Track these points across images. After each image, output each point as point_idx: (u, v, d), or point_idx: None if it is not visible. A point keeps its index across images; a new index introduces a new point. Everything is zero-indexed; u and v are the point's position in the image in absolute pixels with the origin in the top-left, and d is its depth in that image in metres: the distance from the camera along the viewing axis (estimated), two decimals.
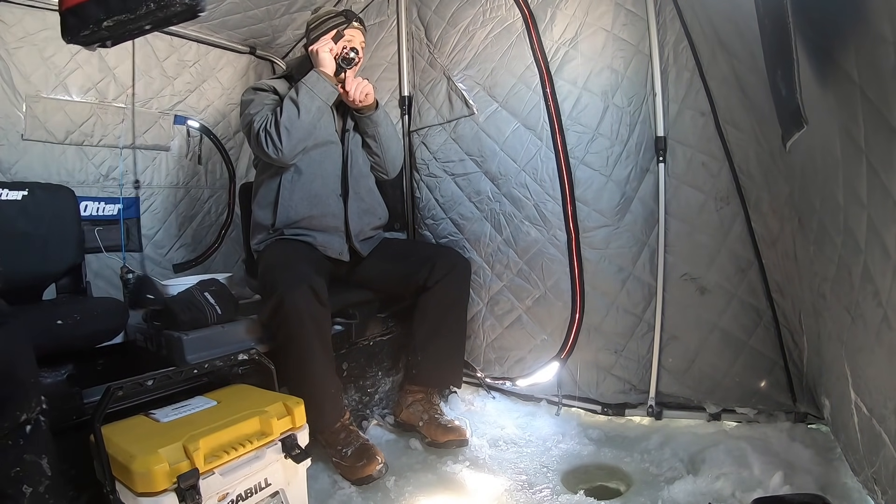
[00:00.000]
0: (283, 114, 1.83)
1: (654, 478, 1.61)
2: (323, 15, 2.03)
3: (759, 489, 1.42)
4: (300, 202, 1.93)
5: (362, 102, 1.98)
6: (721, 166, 1.77)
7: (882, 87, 0.68)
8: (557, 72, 2.01)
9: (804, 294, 1.45)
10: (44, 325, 1.44)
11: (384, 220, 2.17)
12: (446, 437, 1.86)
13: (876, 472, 1.01)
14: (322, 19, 2.01)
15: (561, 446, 1.85)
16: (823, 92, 0.86)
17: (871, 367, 0.96)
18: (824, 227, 1.09)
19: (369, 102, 2.01)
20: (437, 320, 2.00)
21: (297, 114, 1.83)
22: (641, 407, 1.96)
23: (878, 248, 0.81)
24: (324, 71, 1.91)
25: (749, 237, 1.75)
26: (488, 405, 2.19)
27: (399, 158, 2.19)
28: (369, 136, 2.08)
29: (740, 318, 1.79)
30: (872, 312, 0.88)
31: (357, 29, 2.01)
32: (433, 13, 2.33)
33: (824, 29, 0.78)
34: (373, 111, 2.04)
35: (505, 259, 2.20)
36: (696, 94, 1.78)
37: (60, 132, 2.23)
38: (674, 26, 1.80)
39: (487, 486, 1.62)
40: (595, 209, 1.98)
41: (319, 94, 1.87)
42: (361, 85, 1.96)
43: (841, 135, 0.85)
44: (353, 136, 2.07)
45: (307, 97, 1.85)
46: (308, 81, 1.87)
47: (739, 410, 1.82)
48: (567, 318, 2.07)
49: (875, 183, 0.77)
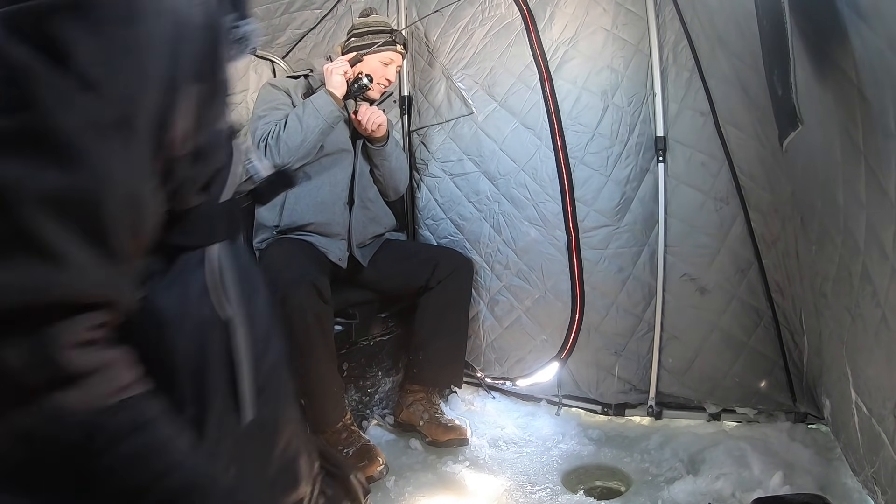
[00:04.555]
0: (286, 130, 1.81)
1: (654, 478, 1.61)
2: (371, 25, 1.98)
3: (759, 489, 1.42)
4: (306, 208, 1.92)
5: (374, 133, 1.94)
6: (721, 166, 1.76)
7: (879, 88, 0.68)
8: (557, 71, 2.01)
9: (805, 293, 1.45)
10: None
11: (389, 227, 2.16)
12: (447, 436, 1.86)
13: (876, 472, 1.00)
14: (367, 30, 1.97)
15: (561, 446, 1.85)
16: (823, 92, 0.86)
17: (870, 367, 0.96)
18: (825, 226, 1.09)
19: (381, 134, 1.96)
20: (439, 320, 2.00)
21: (299, 131, 1.80)
22: (641, 407, 1.96)
23: (876, 248, 0.81)
24: (333, 92, 1.86)
25: (749, 237, 1.75)
26: (488, 405, 2.19)
27: (403, 186, 2.17)
28: (375, 166, 2.07)
29: (740, 319, 1.79)
30: (871, 312, 0.88)
31: (398, 53, 1.99)
32: (432, 11, 2.33)
33: (823, 29, 0.77)
34: (383, 143, 2.00)
35: (504, 259, 2.19)
36: (695, 93, 1.78)
37: None
38: (673, 26, 1.80)
39: (487, 486, 1.62)
40: (595, 209, 1.98)
41: (325, 117, 1.83)
42: (374, 115, 1.91)
43: (840, 135, 0.85)
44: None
45: (312, 118, 1.82)
46: (315, 101, 1.84)
47: (739, 410, 1.81)
48: (567, 318, 2.07)
49: (873, 184, 0.77)
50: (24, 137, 0.34)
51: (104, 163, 0.36)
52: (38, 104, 0.34)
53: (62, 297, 0.34)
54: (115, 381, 0.37)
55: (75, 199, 0.35)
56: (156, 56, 0.39)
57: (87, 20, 0.35)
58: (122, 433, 0.36)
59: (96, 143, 0.36)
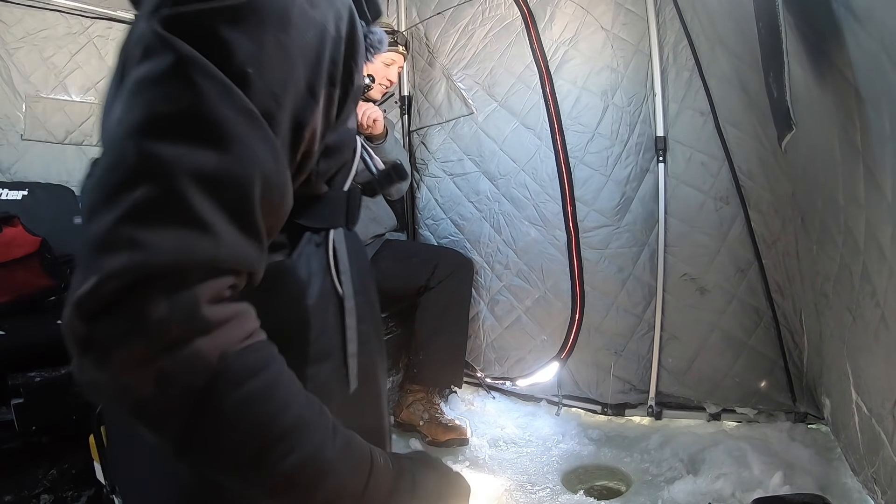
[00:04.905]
0: None
1: (654, 478, 1.61)
2: None
3: (759, 489, 1.42)
4: None
5: (370, 129, 1.91)
6: (721, 166, 1.76)
7: (875, 89, 0.69)
8: (557, 71, 2.01)
9: (806, 293, 1.45)
10: (43, 324, 1.45)
11: (390, 227, 2.16)
12: (447, 435, 1.86)
13: (876, 472, 1.01)
14: None
15: (561, 446, 1.85)
16: (821, 93, 0.86)
17: (871, 367, 0.96)
18: (826, 226, 1.09)
19: (378, 131, 1.93)
20: (439, 320, 2.01)
21: None
22: (641, 407, 1.96)
23: (875, 248, 0.81)
24: None
25: (749, 237, 1.75)
26: (488, 405, 2.19)
27: (404, 186, 2.16)
28: None
29: (740, 319, 1.79)
30: (871, 312, 0.88)
31: (400, 54, 1.99)
32: (432, 12, 2.33)
33: (820, 31, 0.78)
34: (382, 140, 1.98)
35: (504, 259, 2.19)
36: (695, 93, 1.78)
37: (60, 132, 2.23)
38: (673, 26, 1.80)
39: (487, 486, 1.62)
40: (595, 209, 1.98)
41: None
42: (369, 111, 1.88)
43: (839, 135, 0.85)
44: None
45: None
46: None
47: (739, 410, 1.81)
48: (567, 318, 2.07)
49: (871, 184, 0.77)
50: (186, 122, 0.40)
51: (252, 150, 0.41)
52: (201, 95, 0.40)
53: (206, 260, 0.39)
54: (242, 330, 0.42)
55: (225, 179, 0.40)
56: (300, 61, 0.45)
57: (246, 27, 0.42)
58: (244, 376, 0.41)
59: (247, 132, 0.41)
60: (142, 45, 0.42)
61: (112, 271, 0.36)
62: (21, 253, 1.59)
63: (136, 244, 0.37)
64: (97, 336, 0.37)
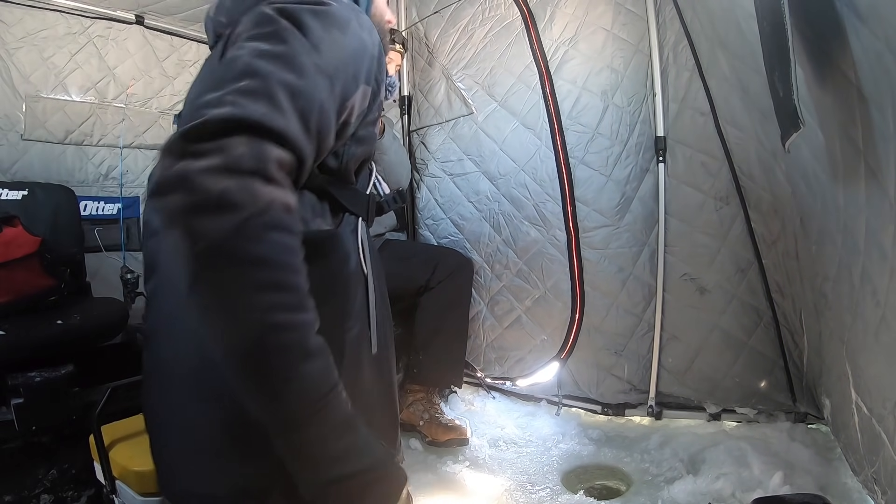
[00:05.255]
0: None
1: (654, 478, 1.61)
2: None
3: (759, 489, 1.42)
4: None
5: None
6: (721, 166, 1.76)
7: (878, 89, 0.69)
8: (557, 71, 2.01)
9: (805, 293, 1.45)
10: (44, 324, 1.45)
11: (389, 227, 2.16)
12: (447, 435, 1.86)
13: (876, 472, 1.00)
14: None
15: (561, 446, 1.85)
16: (823, 93, 0.86)
17: (871, 367, 0.96)
18: (826, 226, 1.09)
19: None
20: (439, 320, 2.01)
21: None
22: (641, 407, 1.96)
23: (876, 248, 0.81)
24: None
25: (749, 237, 1.75)
26: (488, 405, 2.19)
27: (405, 181, 2.15)
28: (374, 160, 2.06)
29: (740, 318, 1.79)
30: (871, 312, 0.88)
31: (397, 52, 1.99)
32: (432, 12, 2.33)
33: (823, 30, 0.78)
34: (380, 136, 2.01)
35: (504, 259, 2.19)
36: (695, 93, 1.78)
37: (60, 132, 2.23)
38: (673, 26, 1.80)
39: (487, 486, 1.62)
40: (595, 209, 1.98)
41: None
42: None
43: (840, 135, 0.85)
44: None
45: None
46: None
47: (739, 410, 1.81)
48: (567, 318, 2.07)
49: (872, 184, 0.77)
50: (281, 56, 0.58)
51: (317, 86, 0.60)
52: (292, 46, 0.59)
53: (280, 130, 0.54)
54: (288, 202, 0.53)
55: (299, 92, 0.57)
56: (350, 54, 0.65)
57: (319, 18, 0.62)
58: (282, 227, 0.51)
59: (315, 73, 0.60)
60: (253, 20, 0.63)
61: (217, 115, 0.51)
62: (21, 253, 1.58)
63: (238, 104, 0.53)
64: (191, 150, 0.50)
